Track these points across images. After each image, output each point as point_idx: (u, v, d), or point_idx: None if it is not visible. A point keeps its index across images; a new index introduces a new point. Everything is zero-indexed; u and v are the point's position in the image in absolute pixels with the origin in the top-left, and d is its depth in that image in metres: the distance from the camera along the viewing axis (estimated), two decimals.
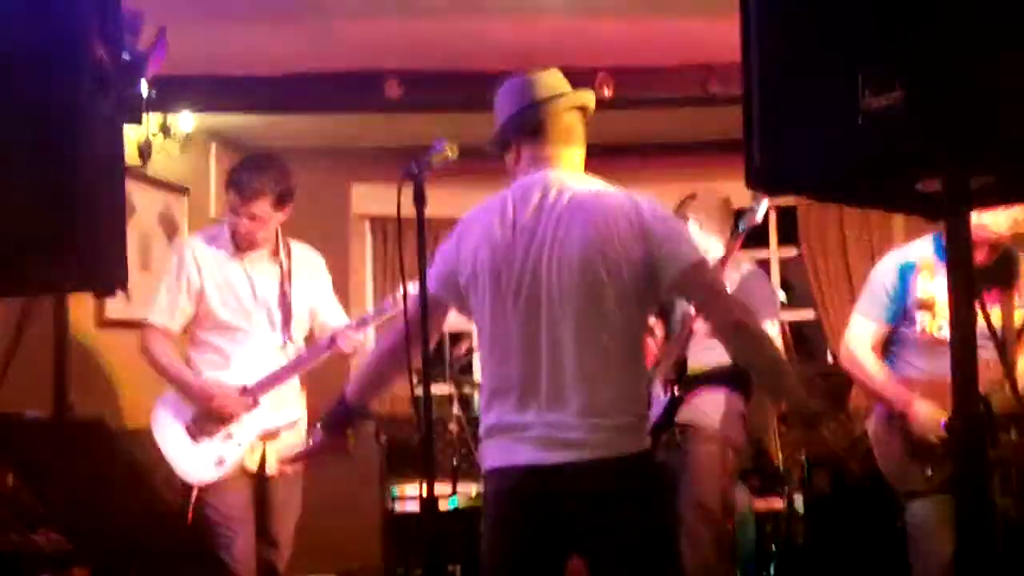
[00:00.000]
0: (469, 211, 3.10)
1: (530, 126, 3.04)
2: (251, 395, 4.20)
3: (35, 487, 3.04)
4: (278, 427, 4.27)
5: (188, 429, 4.19)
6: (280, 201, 4.23)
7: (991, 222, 3.68)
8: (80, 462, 2.92)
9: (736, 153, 1.96)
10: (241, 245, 4.30)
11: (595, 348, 2.85)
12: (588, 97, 3.13)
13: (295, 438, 4.33)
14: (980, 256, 3.78)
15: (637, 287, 2.87)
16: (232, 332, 4.26)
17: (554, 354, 2.85)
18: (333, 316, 4.48)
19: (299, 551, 4.49)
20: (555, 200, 2.93)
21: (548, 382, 2.85)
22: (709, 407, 4.34)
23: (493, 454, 2.94)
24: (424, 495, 2.83)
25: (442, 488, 5.77)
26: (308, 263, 4.49)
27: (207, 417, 4.18)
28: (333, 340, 4.25)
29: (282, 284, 4.33)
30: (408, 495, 6.34)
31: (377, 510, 6.26)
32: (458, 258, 3.02)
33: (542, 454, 2.83)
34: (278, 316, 4.31)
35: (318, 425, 3.20)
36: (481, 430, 3.00)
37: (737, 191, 3.65)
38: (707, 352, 4.29)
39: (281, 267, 4.35)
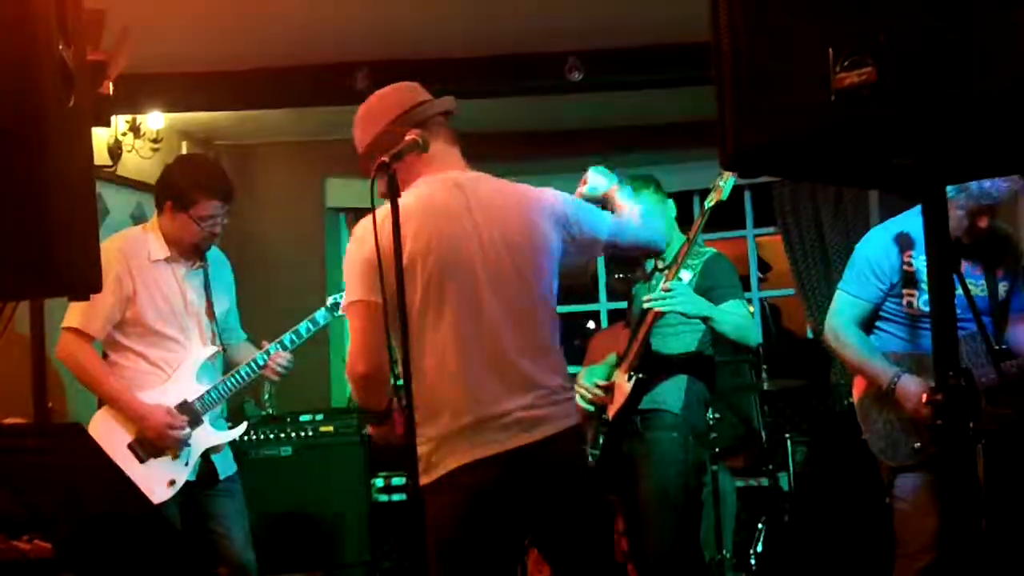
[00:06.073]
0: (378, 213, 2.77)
1: (423, 122, 3.05)
2: (194, 413, 4.07)
3: (17, 493, 3.01)
4: (222, 443, 4.18)
5: (131, 448, 3.99)
6: None
7: (991, 186, 3.62)
8: (62, 467, 2.89)
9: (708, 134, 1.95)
10: (203, 249, 4.14)
11: (537, 329, 3.01)
12: (450, 102, 3.19)
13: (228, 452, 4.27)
14: (977, 228, 3.74)
15: (555, 264, 3.07)
16: (162, 340, 4.08)
17: (504, 341, 2.94)
18: (236, 324, 4.39)
19: (285, 550, 4.45)
20: (469, 196, 3.02)
21: (506, 369, 2.93)
22: (671, 393, 4.32)
23: (463, 450, 2.88)
24: (409, 485, 2.81)
25: None
26: (221, 267, 4.34)
27: (150, 440, 4.01)
28: (265, 365, 4.19)
29: (208, 292, 4.17)
30: (392, 485, 6.34)
31: (361, 502, 6.24)
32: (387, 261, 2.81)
33: (522, 436, 2.89)
34: (208, 325, 4.17)
35: None
36: (439, 430, 2.90)
37: (707, 171, 3.65)
38: (673, 339, 4.33)
39: (204, 273, 4.19)
